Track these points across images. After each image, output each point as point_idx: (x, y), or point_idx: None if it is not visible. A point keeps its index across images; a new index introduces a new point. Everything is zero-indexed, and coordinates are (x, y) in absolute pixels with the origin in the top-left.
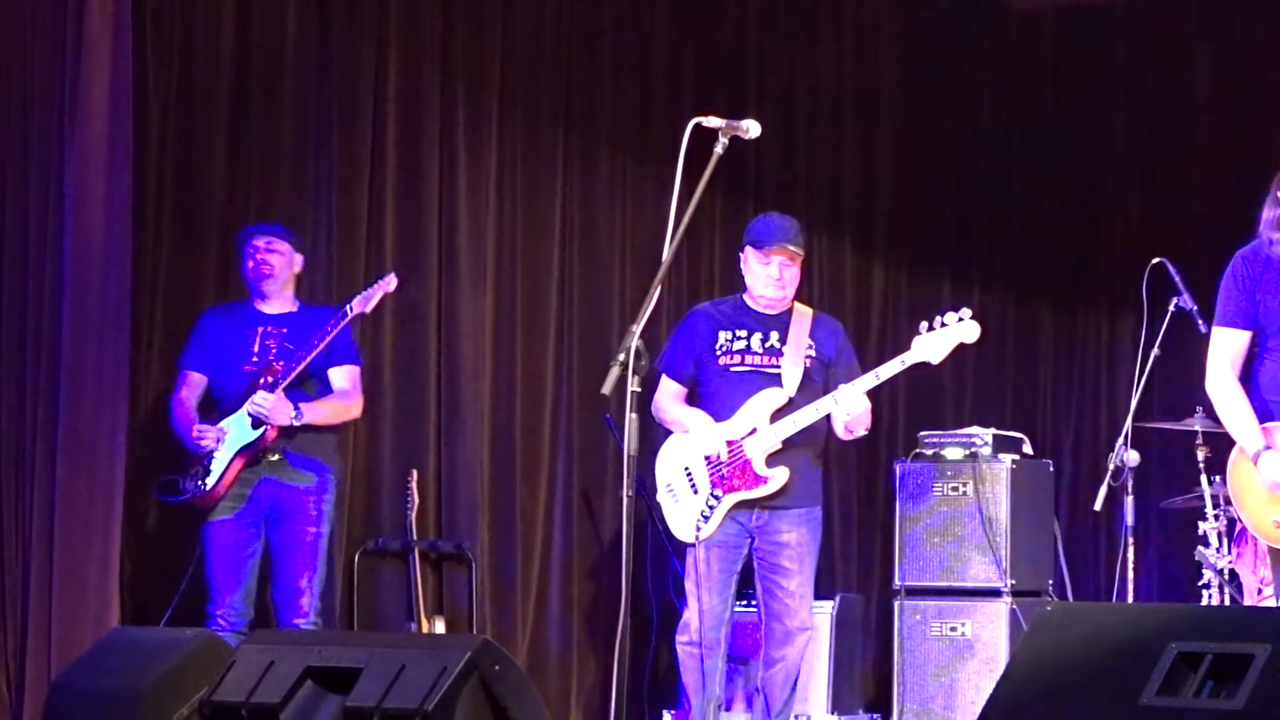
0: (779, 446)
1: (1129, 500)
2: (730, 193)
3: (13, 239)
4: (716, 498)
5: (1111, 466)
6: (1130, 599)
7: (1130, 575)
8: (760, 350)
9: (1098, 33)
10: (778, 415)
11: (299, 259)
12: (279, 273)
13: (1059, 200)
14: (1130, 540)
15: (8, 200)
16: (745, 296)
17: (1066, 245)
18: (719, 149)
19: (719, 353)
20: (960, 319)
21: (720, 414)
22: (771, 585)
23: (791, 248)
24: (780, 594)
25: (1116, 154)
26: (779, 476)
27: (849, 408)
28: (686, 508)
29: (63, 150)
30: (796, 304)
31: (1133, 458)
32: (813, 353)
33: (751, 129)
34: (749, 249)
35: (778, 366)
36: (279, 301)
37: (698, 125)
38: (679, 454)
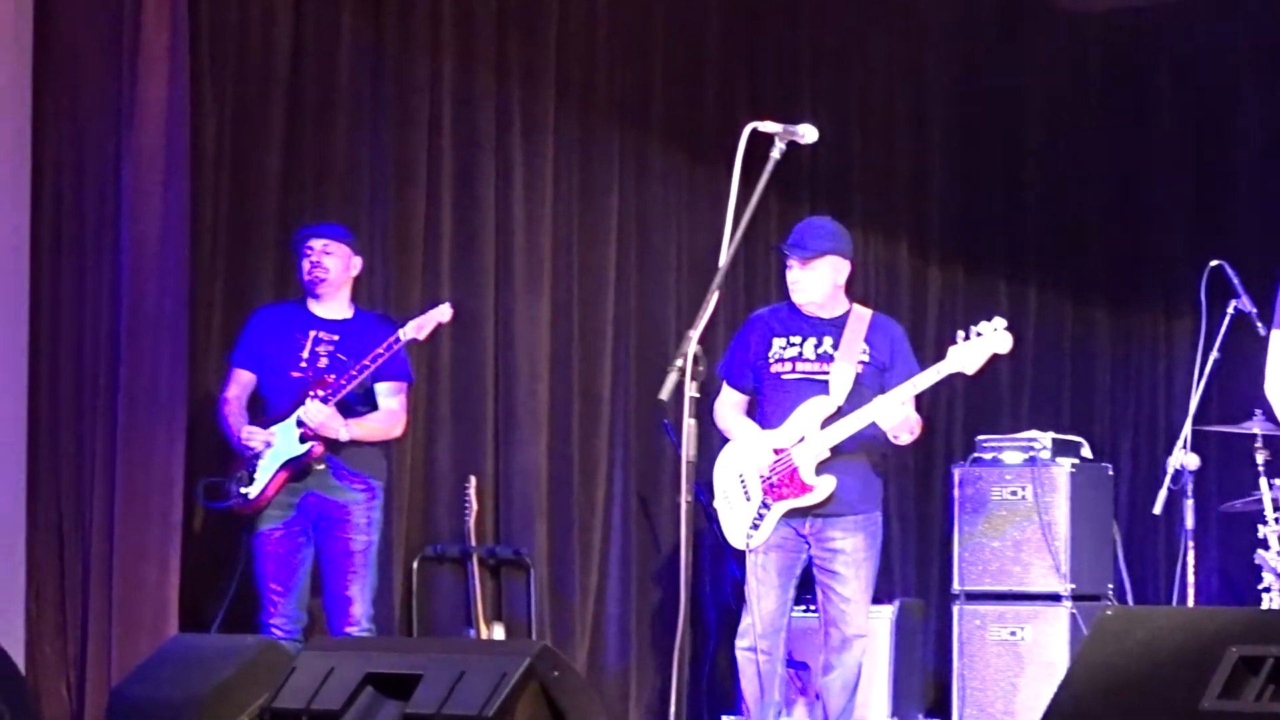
0: (828, 454)
1: (1188, 503)
2: (785, 196)
3: (70, 244)
4: (766, 505)
5: (1171, 470)
6: (1190, 603)
7: (1190, 579)
8: (813, 356)
9: (1147, 31)
10: (828, 423)
11: (357, 261)
12: (334, 277)
13: (1113, 201)
14: (1190, 544)
15: (65, 205)
16: None
17: (1121, 247)
18: (775, 154)
19: (772, 360)
20: (995, 329)
21: (774, 422)
22: (828, 591)
23: (799, 257)
24: (836, 600)
25: (1169, 154)
26: (825, 485)
27: (886, 417)
28: (739, 515)
29: (119, 155)
30: (855, 306)
31: (1192, 461)
32: (866, 357)
33: (808, 134)
34: None
35: (829, 373)
36: (334, 305)
37: (754, 130)
38: (735, 461)
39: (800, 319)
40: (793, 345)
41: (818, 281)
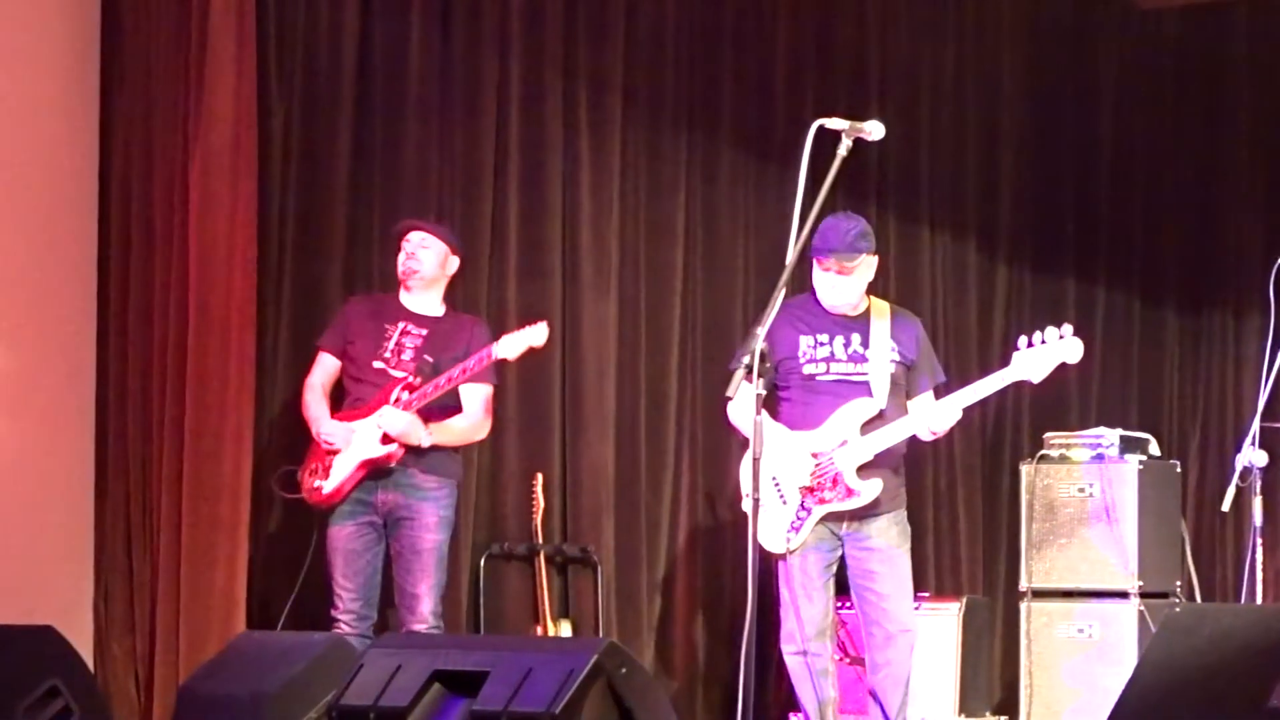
0: (870, 458)
1: (1257, 501)
2: (852, 194)
3: (139, 245)
4: (806, 509)
5: (1239, 467)
6: (1259, 600)
7: (1259, 576)
8: (844, 357)
9: (1221, 30)
10: (868, 426)
11: (454, 260)
12: (428, 271)
13: (1182, 199)
14: (1259, 541)
15: (134, 206)
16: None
17: (1190, 245)
18: (843, 151)
19: (803, 360)
20: (1061, 336)
21: (807, 423)
22: (865, 592)
23: (840, 261)
24: (876, 600)
25: (1240, 153)
26: (871, 489)
27: (943, 424)
28: (775, 518)
29: (187, 157)
30: (873, 301)
31: (1260, 458)
32: (896, 356)
33: (875, 131)
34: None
35: (865, 374)
36: (426, 299)
37: (821, 127)
38: (765, 463)
39: (825, 316)
40: (822, 345)
41: (857, 284)
